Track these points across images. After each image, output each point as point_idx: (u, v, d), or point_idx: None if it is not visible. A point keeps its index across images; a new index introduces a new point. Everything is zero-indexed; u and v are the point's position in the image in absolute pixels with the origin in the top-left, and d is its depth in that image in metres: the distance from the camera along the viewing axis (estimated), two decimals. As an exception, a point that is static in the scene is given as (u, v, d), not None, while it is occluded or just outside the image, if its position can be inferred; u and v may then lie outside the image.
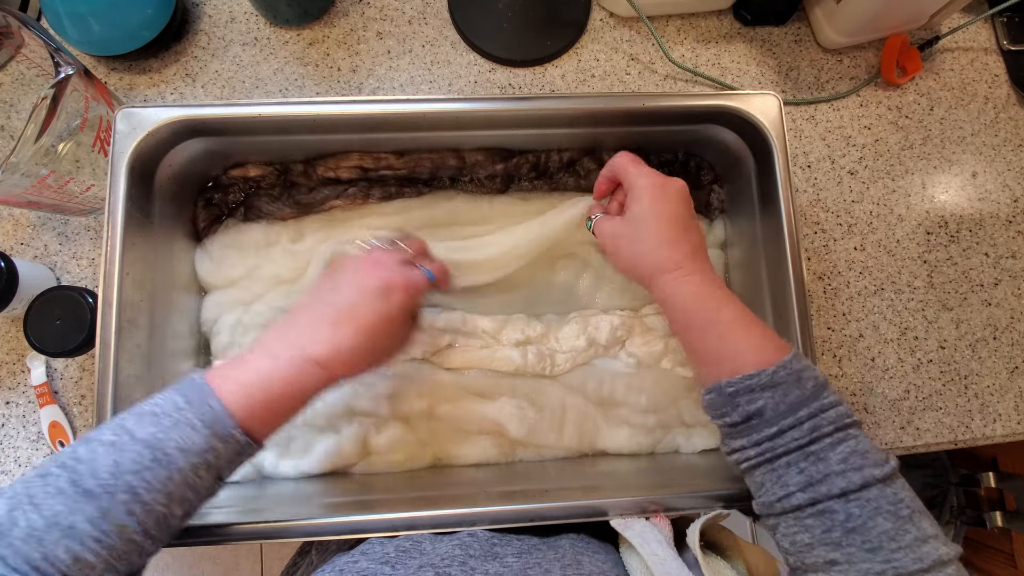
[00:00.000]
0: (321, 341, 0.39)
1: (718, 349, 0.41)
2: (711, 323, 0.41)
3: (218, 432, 0.34)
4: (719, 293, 0.42)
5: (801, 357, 0.39)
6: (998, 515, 0.90)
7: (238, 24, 0.63)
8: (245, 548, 1.38)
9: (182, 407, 0.34)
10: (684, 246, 0.43)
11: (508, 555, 0.40)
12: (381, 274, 0.42)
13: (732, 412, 0.39)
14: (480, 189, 0.56)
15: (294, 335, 0.40)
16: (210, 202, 0.55)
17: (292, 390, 0.38)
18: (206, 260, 0.54)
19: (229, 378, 0.36)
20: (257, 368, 0.37)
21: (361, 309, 0.41)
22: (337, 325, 0.40)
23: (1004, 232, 0.64)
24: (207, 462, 0.34)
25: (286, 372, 0.37)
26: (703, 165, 0.58)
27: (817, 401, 0.37)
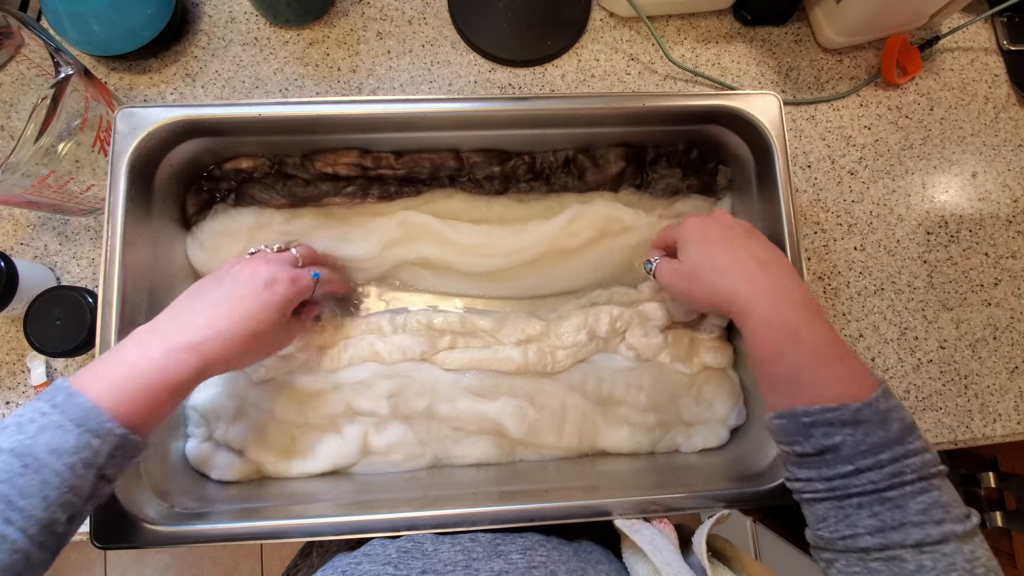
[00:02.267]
0: (197, 326, 0.39)
1: (794, 376, 0.38)
2: (788, 351, 0.39)
3: (91, 428, 0.34)
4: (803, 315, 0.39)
5: (889, 396, 0.37)
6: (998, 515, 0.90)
7: (238, 24, 0.63)
8: (245, 548, 1.38)
9: (47, 412, 0.34)
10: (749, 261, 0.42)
11: (512, 552, 0.40)
12: (266, 268, 0.43)
13: (804, 442, 0.37)
14: (479, 190, 0.56)
15: (166, 324, 0.39)
16: (201, 188, 0.54)
17: (164, 379, 0.37)
18: (198, 249, 0.53)
19: (95, 376, 0.36)
20: (124, 360, 0.37)
21: (243, 297, 0.41)
22: (215, 310, 0.40)
23: (1004, 232, 0.64)
24: (84, 460, 0.33)
25: (156, 361, 0.37)
26: (705, 152, 0.57)
27: (902, 446, 0.35)
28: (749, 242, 0.44)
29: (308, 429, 0.51)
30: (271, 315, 0.42)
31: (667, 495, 0.44)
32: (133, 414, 0.35)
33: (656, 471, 0.53)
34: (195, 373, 0.38)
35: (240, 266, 0.43)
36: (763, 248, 0.44)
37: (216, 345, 0.39)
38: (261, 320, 0.41)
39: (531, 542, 0.42)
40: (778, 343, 0.39)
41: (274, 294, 0.42)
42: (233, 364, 0.41)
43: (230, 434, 0.50)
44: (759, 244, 0.44)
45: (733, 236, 0.44)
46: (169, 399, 0.37)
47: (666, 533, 0.42)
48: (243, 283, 0.42)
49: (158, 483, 0.45)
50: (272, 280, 0.42)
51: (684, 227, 0.47)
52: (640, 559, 0.41)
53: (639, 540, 0.40)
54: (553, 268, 0.57)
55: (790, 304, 0.40)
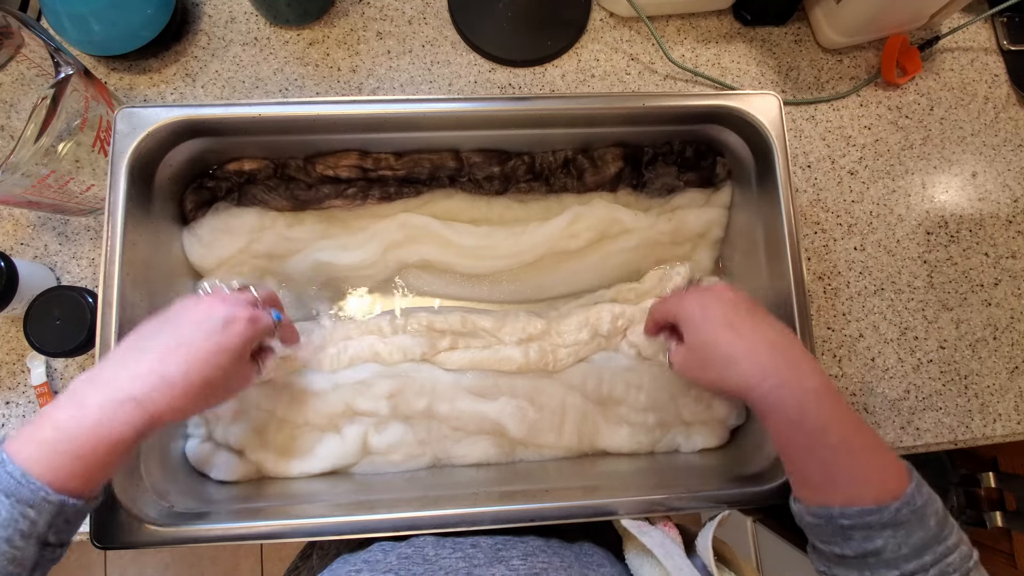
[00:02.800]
0: (143, 376, 0.35)
1: (824, 473, 0.37)
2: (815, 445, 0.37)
3: (23, 498, 0.31)
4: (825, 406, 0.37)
5: (922, 486, 0.36)
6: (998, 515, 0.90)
7: (238, 24, 0.63)
8: (245, 548, 1.38)
9: None
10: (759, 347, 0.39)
11: (514, 558, 0.40)
12: (223, 308, 0.39)
13: (843, 545, 0.36)
14: (478, 190, 0.56)
15: (109, 374, 0.36)
16: (201, 186, 0.54)
17: (101, 438, 0.34)
18: (196, 244, 0.53)
19: (28, 439, 0.33)
20: (58, 422, 0.33)
21: (197, 341, 0.37)
22: (166, 357, 0.36)
23: (1004, 232, 0.64)
24: (21, 531, 0.31)
25: (95, 419, 0.34)
26: (701, 149, 0.57)
27: (941, 544, 0.34)
28: (754, 320, 0.41)
29: (308, 429, 0.51)
30: (226, 359, 0.38)
31: (667, 495, 0.44)
32: (69, 478, 0.33)
33: (656, 471, 0.53)
34: (138, 429, 0.35)
35: (193, 305, 0.40)
36: (768, 325, 0.41)
37: (163, 395, 0.35)
38: (216, 365, 0.38)
39: (532, 547, 0.42)
40: (807, 441, 0.37)
41: (231, 335, 0.38)
42: (183, 414, 0.37)
43: (230, 434, 0.50)
44: (764, 321, 0.41)
45: (736, 314, 0.41)
46: (110, 459, 0.34)
47: (672, 537, 0.42)
48: (197, 324, 0.38)
49: (158, 483, 0.45)
50: (230, 320, 0.39)
51: (683, 306, 0.44)
52: (647, 561, 0.41)
53: (649, 543, 0.40)
54: (554, 270, 0.57)
55: (810, 395, 0.37)
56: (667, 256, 0.58)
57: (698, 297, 0.43)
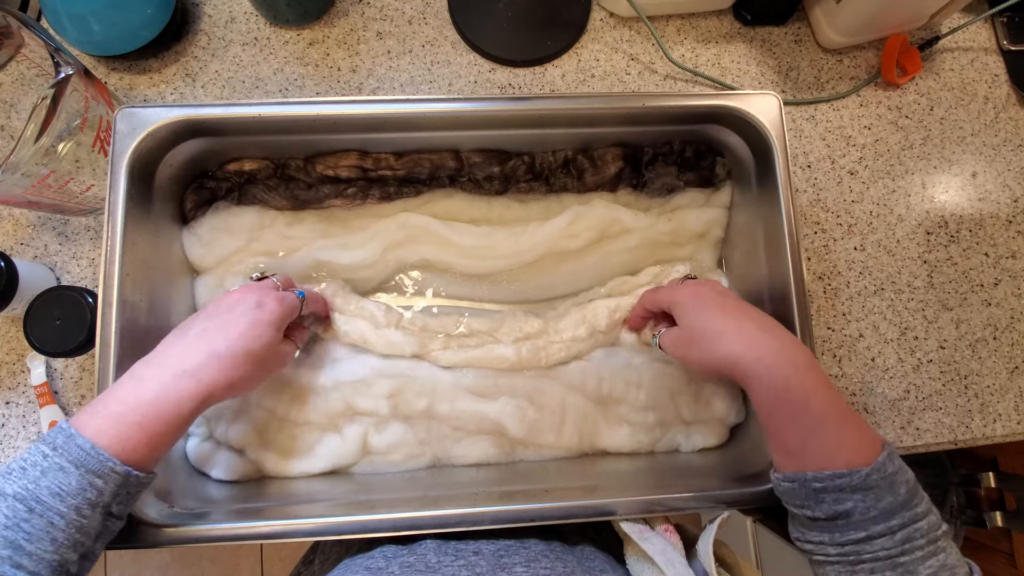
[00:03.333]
0: (194, 353, 0.39)
1: (803, 441, 0.39)
2: (797, 414, 0.39)
3: (92, 469, 0.34)
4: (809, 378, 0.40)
5: (894, 456, 0.38)
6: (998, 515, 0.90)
7: (238, 24, 0.63)
8: (245, 548, 1.38)
9: (48, 454, 0.34)
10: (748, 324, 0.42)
11: (517, 565, 0.40)
12: (253, 293, 0.44)
13: (815, 507, 0.38)
14: (478, 190, 0.56)
15: (162, 356, 0.40)
16: (202, 186, 0.54)
17: (162, 412, 0.37)
18: (196, 244, 0.53)
19: (94, 414, 0.36)
20: (123, 396, 0.37)
21: (235, 319, 0.42)
22: (210, 336, 0.40)
23: (1004, 232, 0.64)
24: (89, 501, 0.34)
25: (155, 392, 0.37)
26: (701, 149, 0.57)
27: (910, 510, 0.36)
28: (745, 307, 0.45)
29: (308, 428, 0.51)
30: (265, 331, 0.42)
31: (667, 495, 0.44)
32: (134, 450, 0.35)
33: (656, 471, 0.53)
34: (196, 402, 0.38)
35: (226, 296, 0.44)
36: (756, 312, 0.44)
37: (212, 367, 0.39)
38: (255, 337, 0.41)
39: (535, 553, 0.42)
40: (790, 410, 0.39)
41: (264, 312, 0.43)
42: (235, 387, 0.41)
43: (230, 433, 0.50)
44: (752, 309, 0.45)
45: (728, 302, 0.45)
46: (171, 431, 0.37)
47: (673, 543, 0.42)
48: (231, 307, 0.42)
49: (158, 483, 0.45)
50: (261, 301, 0.43)
51: (679, 293, 0.47)
52: (648, 568, 0.41)
53: (650, 550, 0.40)
54: (554, 271, 0.57)
55: (796, 368, 0.40)
56: (667, 256, 0.58)
57: (693, 287, 0.47)
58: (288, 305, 0.45)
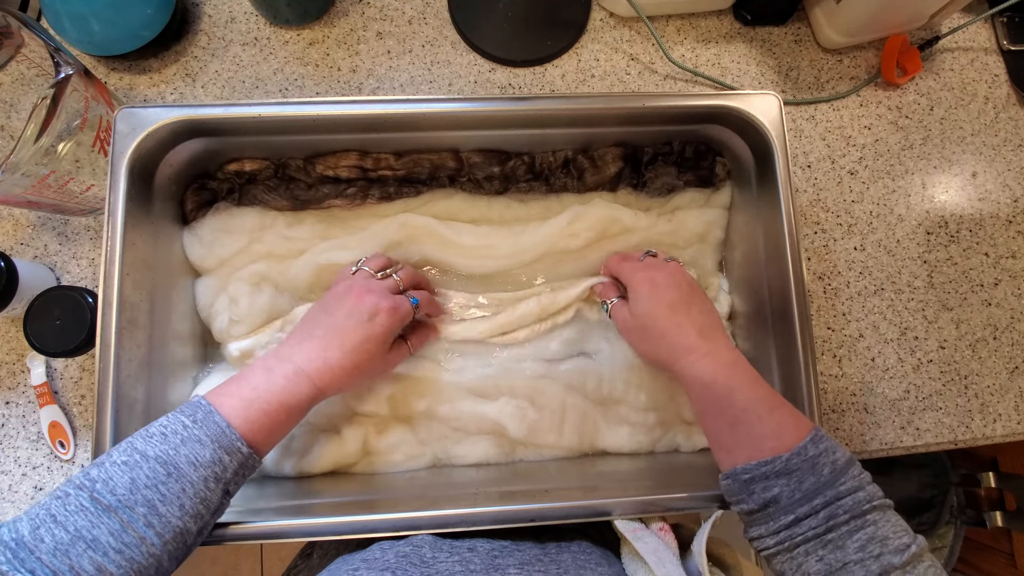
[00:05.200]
0: (312, 358, 0.42)
1: (732, 435, 0.41)
2: (724, 408, 0.42)
3: (224, 445, 0.37)
4: (735, 375, 0.43)
5: (821, 440, 0.39)
6: (998, 515, 0.90)
7: (238, 24, 0.63)
8: (245, 548, 1.38)
9: (188, 425, 0.36)
10: (688, 329, 0.45)
11: (510, 567, 0.40)
12: (369, 299, 0.45)
13: (748, 499, 0.39)
14: (478, 190, 0.56)
15: (287, 351, 0.43)
16: (203, 187, 0.54)
17: (287, 401, 0.40)
18: (196, 244, 0.53)
19: (229, 394, 0.39)
20: (254, 383, 0.40)
21: (348, 330, 0.44)
22: (326, 344, 0.43)
23: (1004, 232, 0.64)
24: (216, 475, 0.36)
25: (281, 385, 0.40)
26: (701, 149, 0.57)
27: (832, 488, 0.37)
28: (691, 307, 0.47)
29: (309, 429, 0.51)
30: (374, 347, 0.44)
31: (667, 495, 0.44)
32: (256, 433, 0.38)
33: (656, 471, 0.53)
34: (310, 399, 0.42)
35: (345, 294, 0.45)
36: (701, 312, 0.47)
37: (326, 375, 0.42)
38: (364, 351, 0.44)
39: (529, 556, 0.42)
40: (717, 405, 0.42)
41: (375, 326, 0.44)
42: (343, 389, 0.44)
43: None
44: (698, 308, 0.47)
45: (679, 299, 0.47)
46: (287, 421, 0.41)
47: (667, 542, 0.42)
48: (348, 314, 0.44)
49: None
50: (374, 312, 0.44)
51: (636, 276, 0.49)
52: (641, 567, 0.41)
53: (642, 549, 0.40)
54: (553, 271, 0.56)
55: (723, 365, 0.43)
56: (668, 257, 0.58)
57: (651, 272, 0.48)
58: (400, 316, 0.46)
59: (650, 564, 0.39)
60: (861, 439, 0.60)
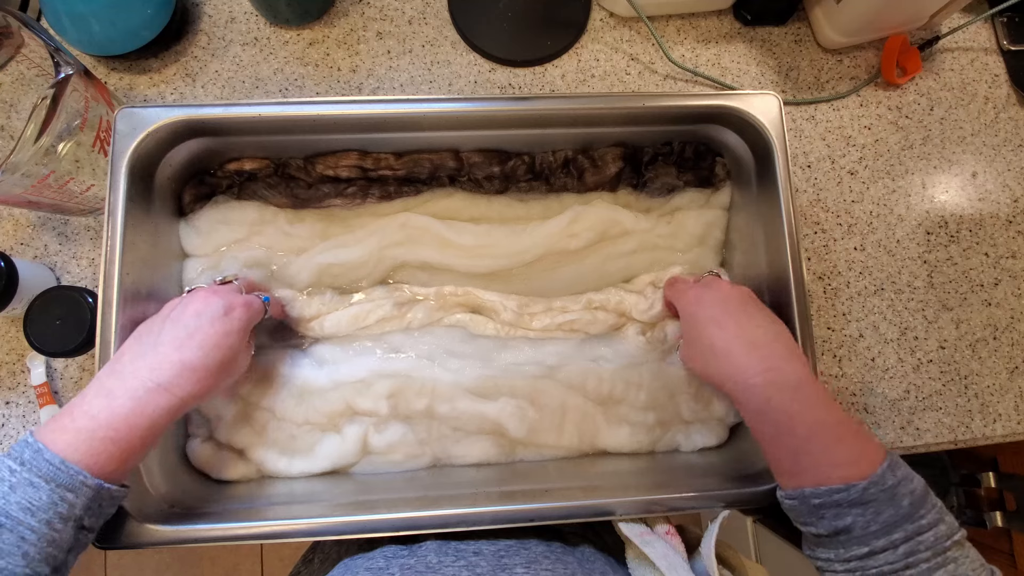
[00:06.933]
0: (163, 367, 0.38)
1: (795, 462, 0.39)
2: (783, 435, 0.39)
3: (63, 483, 0.34)
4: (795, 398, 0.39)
5: (897, 467, 0.37)
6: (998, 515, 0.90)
7: (238, 24, 0.63)
8: (245, 548, 1.38)
9: (16, 469, 0.34)
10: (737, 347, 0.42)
11: (517, 566, 0.40)
12: (220, 298, 0.43)
13: (817, 524, 0.38)
14: (478, 190, 0.56)
15: (131, 368, 0.39)
16: (201, 182, 0.54)
17: (138, 423, 0.37)
18: (193, 235, 0.53)
19: (63, 428, 0.35)
20: (93, 412, 0.36)
21: (204, 328, 0.41)
22: (182, 345, 0.39)
23: (1004, 232, 0.64)
24: (60, 515, 0.33)
25: (129, 407, 0.36)
26: (701, 149, 0.57)
27: (913, 523, 0.35)
28: (742, 317, 0.43)
29: (308, 428, 0.51)
30: (235, 340, 0.42)
31: (667, 495, 0.44)
32: (106, 464, 0.35)
33: (656, 471, 0.53)
34: (168, 413, 0.38)
35: (187, 301, 0.43)
36: (754, 324, 0.43)
37: (187, 380, 0.39)
38: (227, 347, 0.41)
39: (535, 554, 0.42)
40: (775, 431, 0.39)
41: (233, 319, 0.42)
42: (206, 397, 0.41)
43: (231, 434, 0.50)
44: (751, 318, 0.44)
45: (725, 312, 0.44)
46: (143, 445, 0.37)
47: (674, 545, 0.42)
48: (199, 314, 0.41)
49: (158, 483, 0.45)
50: (229, 307, 0.43)
51: (683, 299, 0.47)
52: (649, 570, 0.41)
53: (652, 554, 0.40)
54: (553, 272, 0.56)
55: (781, 389, 0.39)
56: (667, 261, 0.57)
57: (697, 292, 0.47)
58: (254, 310, 0.45)
59: (661, 569, 0.39)
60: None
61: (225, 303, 0.43)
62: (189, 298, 0.43)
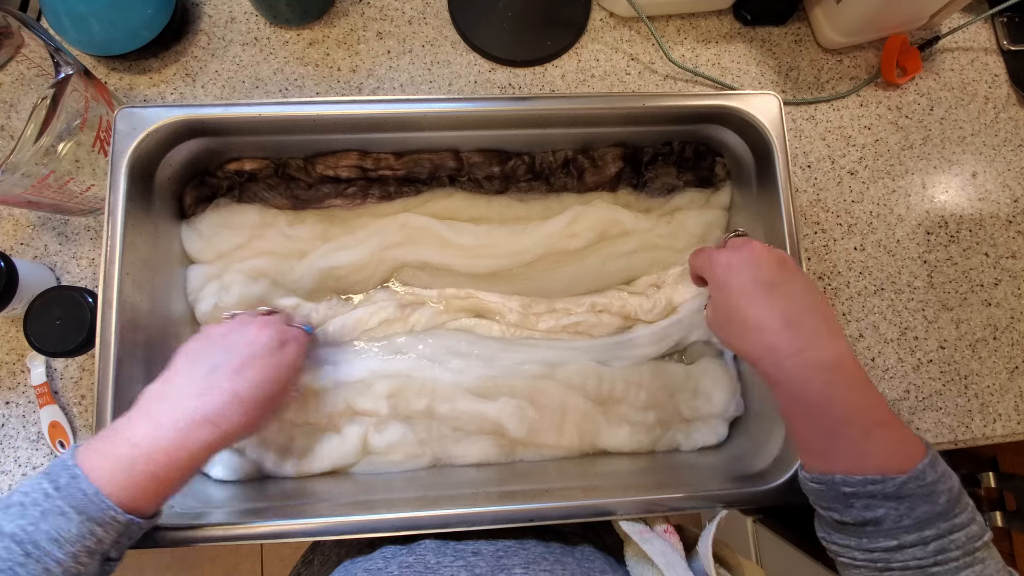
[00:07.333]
0: (216, 392, 0.37)
1: (828, 443, 0.36)
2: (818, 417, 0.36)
3: (94, 517, 0.32)
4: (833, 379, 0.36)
5: (937, 463, 0.35)
6: (998, 515, 0.90)
7: (238, 24, 0.63)
8: (245, 548, 1.38)
9: (51, 494, 0.32)
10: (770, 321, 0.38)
11: (516, 566, 0.40)
12: (273, 329, 0.42)
13: (844, 512, 0.36)
14: (478, 190, 0.56)
15: (180, 395, 0.37)
16: (201, 183, 0.54)
17: (179, 457, 0.35)
18: (195, 238, 0.53)
19: (103, 454, 0.34)
20: (134, 439, 0.35)
21: (259, 360, 0.40)
22: (235, 375, 0.38)
23: (1004, 232, 0.64)
24: (88, 549, 0.32)
25: (171, 438, 0.35)
26: (701, 149, 0.57)
27: (947, 521, 0.34)
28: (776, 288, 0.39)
29: (308, 428, 0.51)
30: (287, 375, 0.41)
31: (668, 495, 0.44)
32: (140, 499, 0.34)
33: (656, 470, 0.53)
34: (209, 447, 0.36)
35: (239, 329, 0.42)
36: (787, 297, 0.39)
37: (235, 412, 0.37)
38: (278, 381, 0.40)
39: (534, 555, 0.41)
40: (807, 410, 0.37)
41: (288, 354, 0.42)
42: (246, 432, 0.39)
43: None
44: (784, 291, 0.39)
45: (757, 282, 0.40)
46: (181, 480, 0.36)
47: (673, 543, 0.42)
48: (250, 345, 0.40)
49: (158, 483, 0.45)
50: (283, 340, 0.42)
51: (712, 265, 0.43)
52: (648, 568, 0.41)
53: (651, 551, 0.40)
54: (553, 272, 0.56)
55: (819, 369, 0.37)
56: (667, 262, 0.57)
57: (727, 258, 0.42)
58: (303, 344, 0.45)
59: (659, 566, 0.39)
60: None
61: (279, 336, 0.42)
62: (240, 326, 0.42)
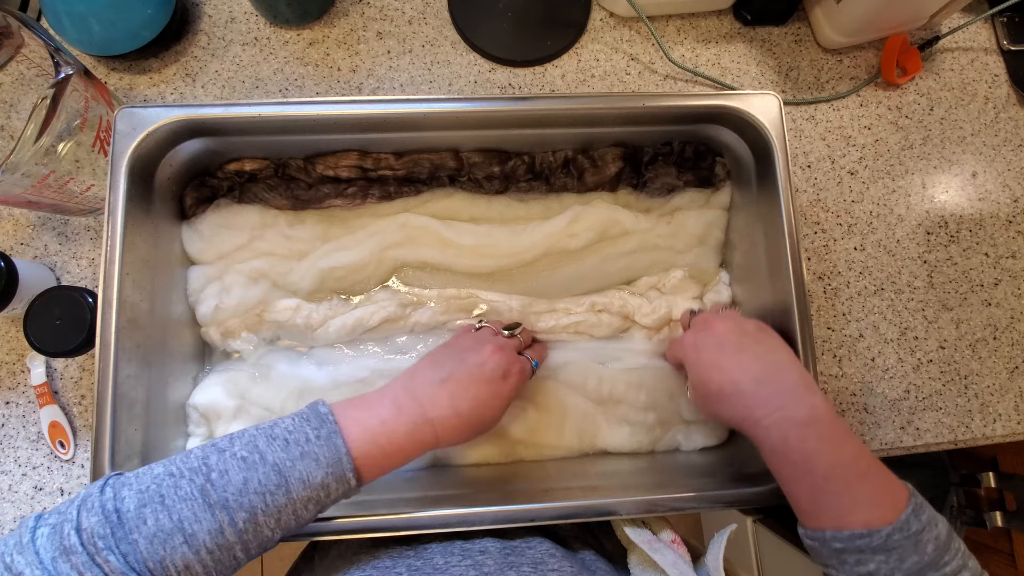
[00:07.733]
0: (441, 405, 0.40)
1: (814, 502, 0.38)
2: (801, 476, 0.38)
3: (336, 473, 0.35)
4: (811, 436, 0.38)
5: (921, 510, 0.35)
6: (998, 515, 0.90)
7: (238, 24, 0.63)
8: (245, 548, 1.38)
9: (312, 439, 0.35)
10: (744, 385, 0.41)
11: (524, 564, 0.40)
12: (503, 358, 0.44)
13: (839, 568, 0.36)
14: (478, 190, 0.56)
15: (419, 392, 0.41)
16: (203, 184, 0.54)
17: (406, 447, 0.38)
18: (196, 239, 0.53)
19: (357, 420, 0.37)
20: (382, 416, 0.38)
21: (481, 384, 0.42)
22: (459, 393, 0.41)
23: (1004, 232, 0.64)
24: (318, 498, 0.35)
25: (407, 429, 0.38)
26: (701, 149, 0.57)
27: (937, 570, 0.34)
28: (741, 354, 0.43)
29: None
30: (502, 404, 0.43)
31: (668, 495, 0.44)
32: (369, 468, 0.37)
33: (656, 471, 0.53)
34: (422, 447, 0.39)
35: (479, 347, 0.44)
36: (754, 357, 0.42)
37: (450, 424, 0.40)
38: (491, 407, 0.43)
39: (541, 553, 0.42)
40: (793, 470, 0.38)
41: (506, 385, 0.43)
42: (456, 443, 0.42)
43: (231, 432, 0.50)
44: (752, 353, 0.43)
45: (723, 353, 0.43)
46: (390, 465, 0.39)
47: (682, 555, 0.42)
48: (480, 366, 0.43)
49: (158, 483, 0.45)
50: (508, 371, 0.44)
51: (683, 348, 0.46)
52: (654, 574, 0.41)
53: (661, 561, 0.40)
54: (553, 272, 0.56)
55: (795, 426, 0.38)
56: (668, 261, 0.57)
57: (692, 338, 0.46)
58: (525, 377, 0.46)
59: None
60: (861, 439, 0.60)
61: (506, 365, 0.44)
62: (478, 345, 0.44)
